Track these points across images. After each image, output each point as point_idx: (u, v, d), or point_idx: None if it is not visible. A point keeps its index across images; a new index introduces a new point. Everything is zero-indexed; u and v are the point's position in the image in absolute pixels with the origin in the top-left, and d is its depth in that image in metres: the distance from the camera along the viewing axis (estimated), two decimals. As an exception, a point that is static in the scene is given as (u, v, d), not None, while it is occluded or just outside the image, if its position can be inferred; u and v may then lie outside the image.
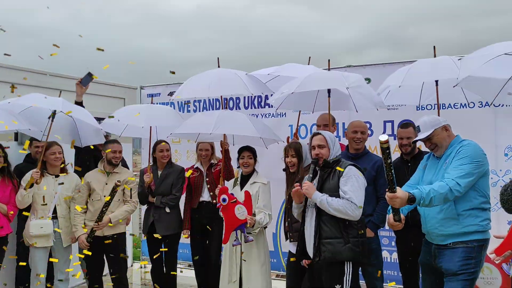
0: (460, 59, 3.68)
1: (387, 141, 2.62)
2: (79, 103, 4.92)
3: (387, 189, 2.84)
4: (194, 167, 4.93)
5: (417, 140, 3.37)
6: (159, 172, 4.84)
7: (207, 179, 4.81)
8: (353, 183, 3.23)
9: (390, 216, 3.13)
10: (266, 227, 4.16)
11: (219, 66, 4.74)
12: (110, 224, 4.39)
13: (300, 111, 4.86)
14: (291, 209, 3.67)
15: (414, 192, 2.93)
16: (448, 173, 3.08)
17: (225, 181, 4.55)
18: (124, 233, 4.62)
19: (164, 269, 4.90)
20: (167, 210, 4.73)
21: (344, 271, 3.21)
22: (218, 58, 4.78)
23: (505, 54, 2.99)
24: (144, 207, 5.09)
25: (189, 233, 4.86)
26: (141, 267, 6.84)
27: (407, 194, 2.88)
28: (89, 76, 4.98)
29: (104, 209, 4.30)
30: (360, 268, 3.73)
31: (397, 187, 2.86)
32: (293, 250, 3.76)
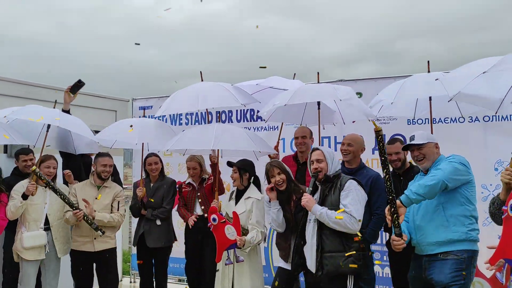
0: (437, 79, 3.69)
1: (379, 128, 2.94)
2: (67, 112, 4.80)
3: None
4: (186, 182, 4.88)
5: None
6: (152, 185, 4.83)
7: (198, 193, 4.77)
8: (353, 196, 3.30)
9: (392, 236, 3.07)
10: (260, 243, 4.08)
11: (202, 80, 4.61)
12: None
13: (282, 123, 4.84)
14: (293, 227, 3.67)
15: (401, 197, 3.02)
16: (437, 169, 3.18)
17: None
18: (115, 248, 4.55)
19: (154, 283, 4.84)
20: (158, 222, 4.71)
21: (346, 285, 3.22)
22: (201, 72, 4.66)
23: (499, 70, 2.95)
24: (135, 220, 5.03)
25: (194, 220, 4.61)
26: (131, 282, 6.75)
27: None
28: (79, 83, 4.79)
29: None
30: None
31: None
32: (285, 266, 3.75)
